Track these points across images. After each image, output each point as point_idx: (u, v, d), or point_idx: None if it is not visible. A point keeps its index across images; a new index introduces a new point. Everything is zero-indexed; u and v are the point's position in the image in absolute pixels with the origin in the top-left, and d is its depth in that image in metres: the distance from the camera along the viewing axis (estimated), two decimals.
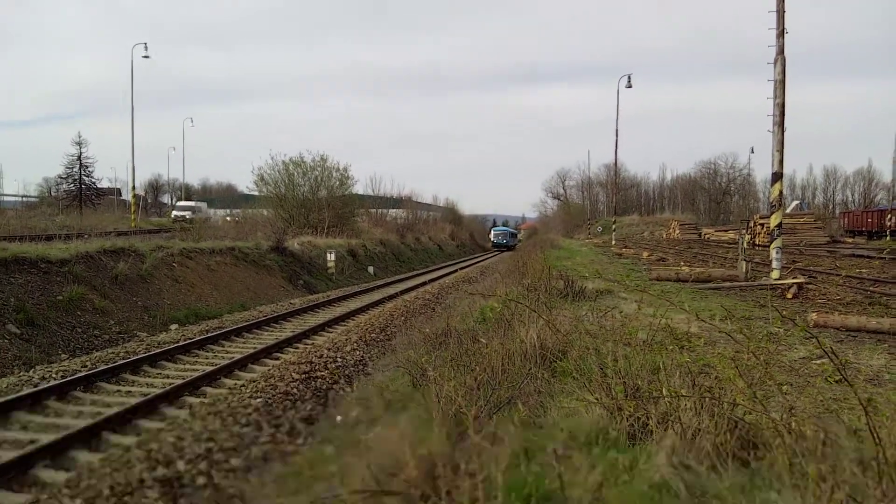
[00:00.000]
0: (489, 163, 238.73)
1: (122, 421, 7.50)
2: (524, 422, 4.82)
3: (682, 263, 23.53)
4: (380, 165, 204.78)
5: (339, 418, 8.26)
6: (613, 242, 46.29)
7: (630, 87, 41.91)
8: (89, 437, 6.93)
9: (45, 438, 6.80)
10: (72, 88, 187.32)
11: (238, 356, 11.01)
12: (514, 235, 79.29)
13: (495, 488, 3.23)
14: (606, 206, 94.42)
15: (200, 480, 5.85)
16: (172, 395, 8.61)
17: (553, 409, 5.15)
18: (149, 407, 8.05)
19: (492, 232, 77.38)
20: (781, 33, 15.19)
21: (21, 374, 10.06)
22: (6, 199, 63.32)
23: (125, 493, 5.31)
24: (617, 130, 45.05)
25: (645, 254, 30.24)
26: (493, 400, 5.38)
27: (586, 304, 10.44)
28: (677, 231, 60.48)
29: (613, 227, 51.73)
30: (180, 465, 6.01)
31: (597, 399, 4.68)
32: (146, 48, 38.39)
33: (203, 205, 65.49)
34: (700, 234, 58.36)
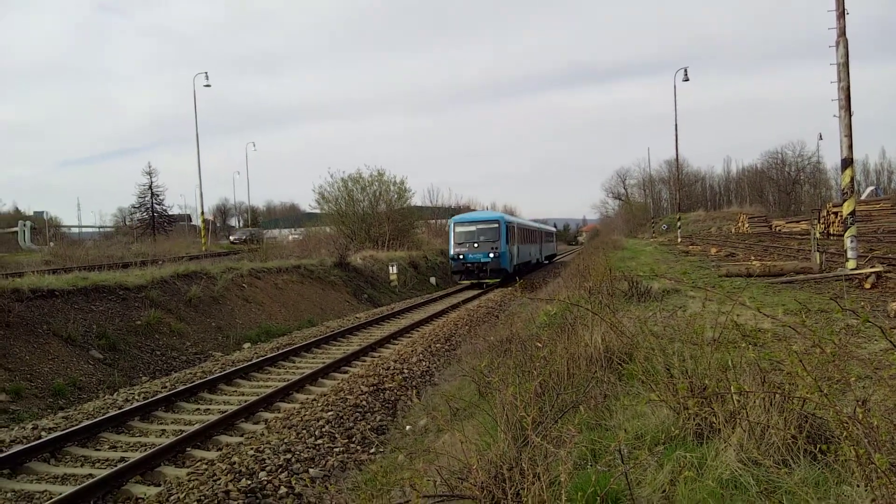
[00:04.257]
0: (546, 167, 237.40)
1: (204, 437, 7.85)
2: (589, 424, 4.84)
3: (753, 258, 22.83)
4: (437, 176, 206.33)
5: (408, 427, 8.43)
6: (679, 240, 45.22)
7: (687, 80, 40.95)
8: (174, 453, 7.29)
9: (134, 456, 7.20)
10: (140, 121, 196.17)
11: (308, 371, 11.33)
12: (541, 237, 44.07)
13: (562, 489, 3.28)
14: (670, 203, 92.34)
15: (282, 490, 6.09)
16: (248, 411, 8.95)
17: (619, 412, 5.14)
18: (227, 423, 8.39)
19: (454, 231, 29.75)
20: (842, 14, 14.65)
21: (105, 397, 10.63)
22: (85, 230, 66.70)
23: None
24: (676, 125, 43.96)
25: (713, 250, 29.46)
26: (559, 405, 5.41)
27: (652, 305, 10.30)
28: (746, 225, 58.58)
29: (678, 223, 50.52)
30: (262, 476, 6.27)
31: (663, 399, 4.65)
32: (207, 77, 39.85)
33: (258, 230, 68.55)
34: (770, 227, 56.37)
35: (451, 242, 29.05)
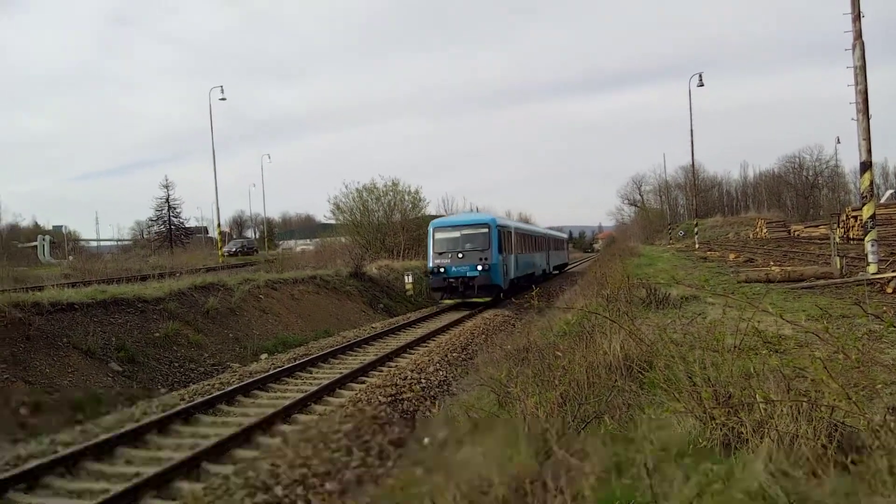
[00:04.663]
0: (561, 173, 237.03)
1: (220, 451, 7.82)
2: (613, 436, 4.74)
3: (772, 263, 22.57)
4: (450, 184, 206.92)
5: (426, 440, 8.34)
6: (697, 246, 44.89)
7: (702, 85, 40.77)
8: (190, 468, 7.26)
9: (149, 471, 7.18)
10: (156, 133, 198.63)
11: (326, 382, 11.29)
12: (547, 244, 37.90)
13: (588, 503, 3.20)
14: (686, 209, 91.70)
15: None
16: (266, 424, 8.91)
17: (643, 422, 5.04)
18: (244, 437, 8.35)
19: (433, 238, 24.03)
20: (857, 17, 14.50)
21: (123, 410, 10.65)
22: (103, 243, 67.46)
23: None
24: (692, 130, 43.73)
25: (731, 255, 29.19)
26: (580, 415, 5.33)
27: (671, 312, 10.17)
28: (764, 230, 58.04)
29: (695, 229, 50.16)
30: (278, 491, 6.22)
31: (687, 409, 4.56)
32: (222, 91, 40.23)
33: (251, 240, 69.91)
34: (789, 232, 55.78)
35: (430, 252, 23.73)
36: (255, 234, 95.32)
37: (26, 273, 25.01)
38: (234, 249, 60.14)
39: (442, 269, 22.95)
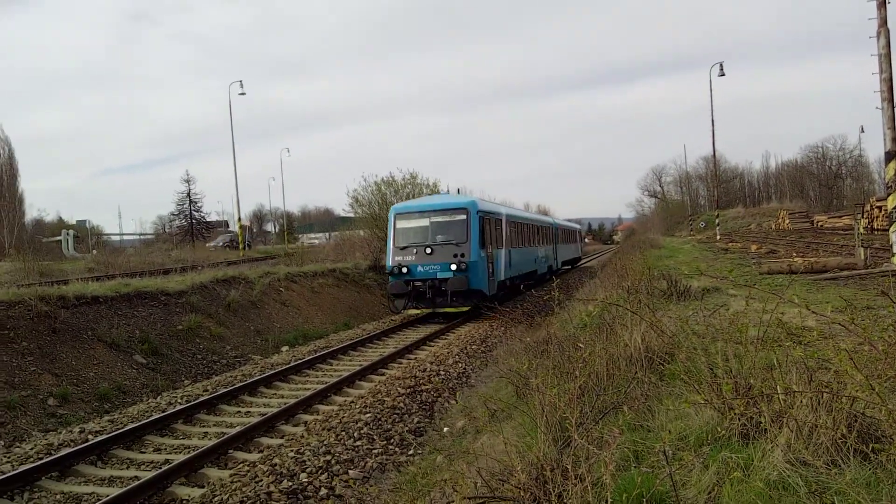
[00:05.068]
0: (580, 166, 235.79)
1: (245, 439, 7.96)
2: (631, 425, 4.78)
3: (795, 254, 22.33)
4: (468, 178, 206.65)
5: (445, 429, 8.43)
6: (718, 237, 44.48)
7: (723, 75, 40.25)
8: (217, 455, 7.41)
9: (178, 458, 7.34)
10: (175, 128, 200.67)
11: (346, 374, 11.41)
12: (553, 236, 33.21)
13: (605, 491, 3.24)
14: (708, 200, 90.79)
15: (323, 492, 6.15)
16: (288, 414, 9.05)
17: (661, 413, 5.07)
18: (267, 425, 8.50)
19: (394, 227, 18.82)
20: (883, 4, 14.26)
21: (149, 400, 10.86)
22: (126, 238, 68.30)
23: None
24: (713, 121, 43.19)
25: (753, 247, 28.90)
26: (599, 406, 5.36)
27: (692, 304, 10.14)
28: (787, 221, 57.32)
29: (717, 221, 49.70)
30: (303, 478, 6.34)
31: (706, 400, 4.57)
32: (241, 85, 40.44)
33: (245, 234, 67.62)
34: (812, 223, 55.04)
35: (390, 245, 18.43)
36: (274, 227, 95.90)
37: (51, 267, 25.42)
38: (221, 244, 56.19)
39: (404, 269, 17.67)
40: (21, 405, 10.06)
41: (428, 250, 17.73)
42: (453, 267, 17.30)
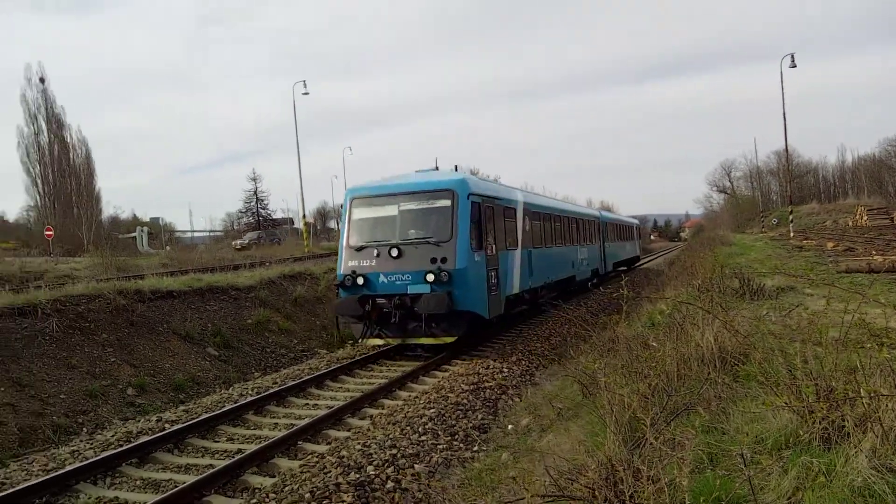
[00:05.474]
0: (644, 161, 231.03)
1: (314, 431, 8.13)
2: (705, 427, 4.65)
3: (874, 252, 21.29)
4: (531, 172, 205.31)
5: (510, 427, 8.40)
6: (791, 234, 42.82)
7: (794, 66, 38.65)
8: (287, 446, 7.60)
9: (250, 448, 7.56)
10: (242, 127, 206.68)
11: (410, 369, 11.50)
12: (598, 232, 27.38)
13: (681, 493, 3.17)
14: (780, 196, 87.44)
15: (389, 485, 6.22)
16: (354, 407, 9.19)
17: (736, 415, 4.92)
18: (334, 418, 8.65)
19: (350, 217, 13.28)
20: None
21: (221, 391, 11.22)
22: (197, 234, 70.71)
23: (324, 497, 5.77)
24: (784, 114, 41.54)
25: (829, 244, 27.70)
26: (670, 406, 5.24)
27: (766, 303, 9.80)
28: (865, 217, 54.70)
29: (790, 217, 47.84)
30: (370, 470, 6.43)
31: (786, 402, 4.41)
32: (305, 85, 41.16)
33: (273, 230, 63.10)
34: (892, 219, 52.36)
35: (343, 245, 13.22)
36: (337, 224, 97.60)
37: (127, 262, 26.52)
38: (246, 242, 51.68)
39: (360, 280, 12.28)
40: (102, 394, 10.56)
41: (394, 252, 12.16)
42: (430, 277, 11.76)
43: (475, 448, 7.63)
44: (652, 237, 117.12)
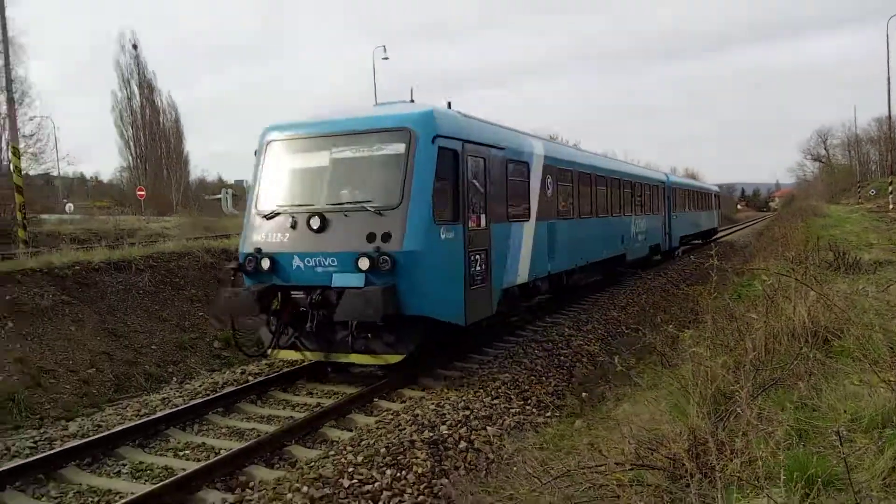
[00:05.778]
0: (733, 128, 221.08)
1: (389, 388, 8.30)
2: (795, 403, 4.45)
3: None
4: (612, 140, 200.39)
5: (584, 394, 8.31)
6: (891, 206, 40.23)
7: None
8: (364, 402, 7.79)
9: (328, 402, 7.79)
10: (321, 93, 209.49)
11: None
12: (659, 197, 21.76)
13: (773, 468, 3.04)
14: (880, 166, 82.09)
15: (462, 444, 6.29)
16: (429, 369, 9.29)
17: (829, 392, 4.69)
18: (410, 378, 8.75)
19: (262, 169, 9.00)
20: None
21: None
22: None
23: (398, 453, 5.89)
24: (889, 78, 38.66)
25: None
26: (757, 381, 5.04)
27: (862, 277, 9.25)
28: None
29: (890, 188, 44.91)
30: (443, 430, 6.51)
31: (886, 381, 4.16)
32: (385, 50, 41.19)
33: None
34: None
35: (250, 207, 9.08)
36: None
37: (213, 223, 27.59)
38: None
39: (266, 263, 8.39)
40: (190, 346, 11.09)
41: (314, 222, 8.15)
42: (363, 264, 7.68)
43: (548, 414, 7.60)
44: (738, 206, 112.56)
